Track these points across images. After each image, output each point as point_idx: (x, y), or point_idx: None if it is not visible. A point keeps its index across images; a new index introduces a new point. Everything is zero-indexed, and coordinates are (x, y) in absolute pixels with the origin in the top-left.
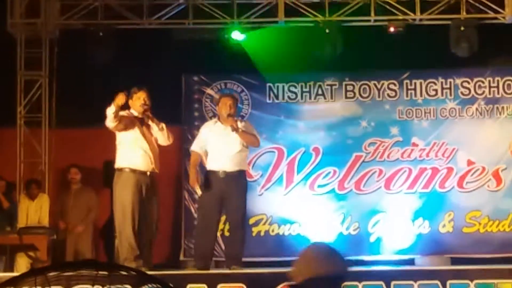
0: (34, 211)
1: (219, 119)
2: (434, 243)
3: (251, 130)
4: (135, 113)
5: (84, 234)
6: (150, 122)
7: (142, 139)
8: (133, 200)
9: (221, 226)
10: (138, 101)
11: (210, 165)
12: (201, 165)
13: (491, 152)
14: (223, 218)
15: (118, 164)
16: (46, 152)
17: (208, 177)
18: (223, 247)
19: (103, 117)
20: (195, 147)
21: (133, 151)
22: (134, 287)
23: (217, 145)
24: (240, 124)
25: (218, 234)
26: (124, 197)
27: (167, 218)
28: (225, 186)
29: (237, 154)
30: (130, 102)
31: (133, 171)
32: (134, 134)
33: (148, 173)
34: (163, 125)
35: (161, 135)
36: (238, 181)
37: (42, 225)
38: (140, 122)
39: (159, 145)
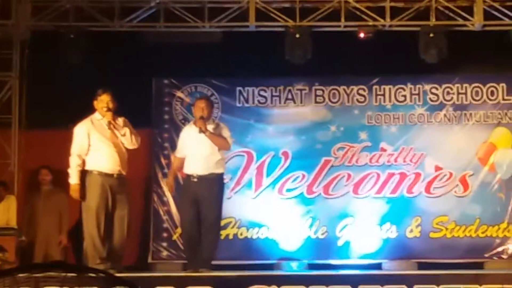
0: (1, 212)
1: (194, 122)
2: (401, 247)
3: (223, 133)
4: (99, 116)
5: (53, 237)
6: (115, 131)
7: (107, 141)
8: (98, 202)
9: None
10: (101, 104)
11: (186, 169)
12: None
13: (459, 158)
14: None
15: (85, 167)
16: (15, 153)
17: (184, 181)
18: None
19: (74, 118)
20: (177, 152)
21: (98, 154)
22: None
23: (191, 148)
24: (210, 127)
25: None
26: (89, 200)
27: (136, 221)
28: (198, 189)
29: (209, 157)
30: (95, 103)
31: (99, 173)
32: (100, 136)
33: (115, 175)
34: (126, 129)
35: (125, 139)
36: (211, 184)
37: (11, 226)
38: (107, 124)
39: (127, 148)
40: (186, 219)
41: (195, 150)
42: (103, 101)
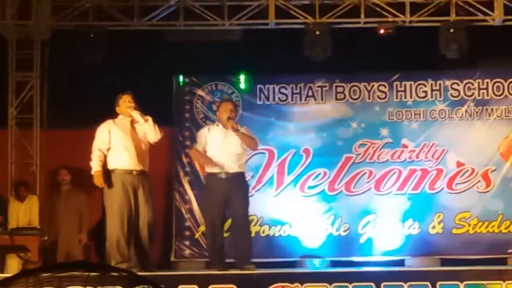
0: (24, 213)
1: (219, 124)
2: (424, 244)
3: (250, 133)
4: (121, 117)
5: (74, 236)
6: (137, 117)
7: (127, 139)
8: (120, 200)
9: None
10: (124, 104)
11: (211, 168)
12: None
13: (481, 154)
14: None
15: (107, 166)
16: (37, 153)
17: (209, 180)
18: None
19: (94, 117)
20: (197, 146)
21: (118, 152)
22: None
23: (218, 147)
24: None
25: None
26: (111, 198)
27: (158, 220)
28: (227, 187)
29: (238, 155)
30: (117, 109)
31: (119, 171)
32: (120, 133)
33: (135, 172)
34: (149, 117)
35: (148, 127)
36: (240, 182)
37: (33, 226)
38: (129, 122)
39: (150, 145)
40: (212, 218)
41: (222, 149)
42: (125, 101)
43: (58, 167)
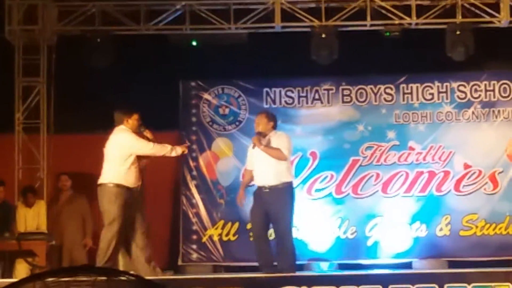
0: (31, 218)
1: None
2: (431, 246)
3: (279, 144)
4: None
5: (78, 241)
6: (149, 136)
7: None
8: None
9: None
10: (137, 122)
11: (256, 181)
12: None
13: (488, 156)
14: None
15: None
16: (44, 158)
17: (255, 193)
18: (221, 252)
19: (101, 122)
20: (247, 165)
21: (121, 166)
22: None
23: (257, 161)
24: (264, 141)
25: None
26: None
27: (165, 224)
28: (268, 199)
29: (275, 167)
30: (125, 122)
31: (119, 186)
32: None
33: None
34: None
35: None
36: (281, 193)
37: (41, 231)
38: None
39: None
40: (256, 228)
41: (261, 162)
42: (135, 119)
43: (58, 173)
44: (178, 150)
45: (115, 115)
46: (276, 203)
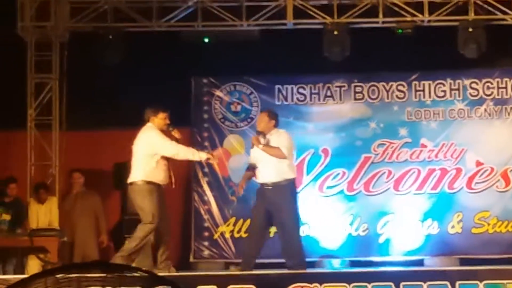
0: (43, 214)
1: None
2: (443, 244)
3: (279, 142)
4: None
5: (90, 238)
6: (177, 136)
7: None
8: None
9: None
10: (163, 121)
11: (258, 179)
12: None
13: (500, 153)
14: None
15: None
16: (56, 155)
17: (257, 190)
18: (233, 249)
19: (114, 119)
20: (250, 160)
21: (148, 164)
22: None
23: (260, 159)
24: (263, 140)
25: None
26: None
27: (177, 220)
28: (271, 196)
29: (278, 164)
30: (152, 120)
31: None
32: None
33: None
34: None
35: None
36: (283, 190)
37: (53, 227)
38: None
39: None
40: (255, 226)
41: (263, 160)
42: (162, 118)
43: (70, 170)
44: (202, 156)
45: (145, 113)
46: (279, 200)
